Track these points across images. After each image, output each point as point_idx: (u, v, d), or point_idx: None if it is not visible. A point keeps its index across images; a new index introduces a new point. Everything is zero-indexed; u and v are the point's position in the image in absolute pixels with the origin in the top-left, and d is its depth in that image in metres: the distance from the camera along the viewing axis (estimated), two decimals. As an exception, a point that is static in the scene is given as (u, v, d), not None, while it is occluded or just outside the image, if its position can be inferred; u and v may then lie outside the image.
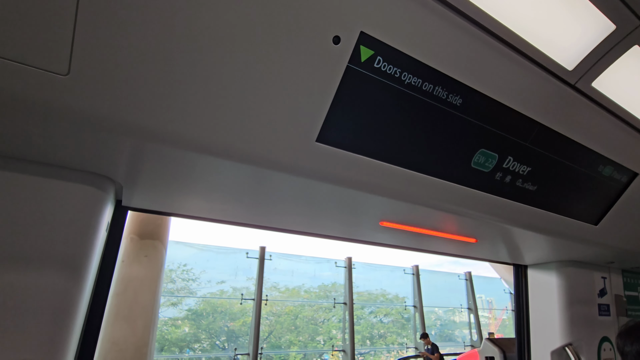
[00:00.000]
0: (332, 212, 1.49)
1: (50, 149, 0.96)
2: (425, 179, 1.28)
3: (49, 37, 0.74)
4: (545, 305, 2.39)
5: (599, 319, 2.44)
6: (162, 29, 0.81)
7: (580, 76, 1.29)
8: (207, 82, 0.88)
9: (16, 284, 0.94)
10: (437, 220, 1.56)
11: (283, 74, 0.95)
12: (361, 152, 1.14)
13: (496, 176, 1.43)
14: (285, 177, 1.12)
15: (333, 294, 10.04)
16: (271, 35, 0.90)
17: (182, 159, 1.00)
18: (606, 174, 1.69)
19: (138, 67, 0.82)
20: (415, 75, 1.10)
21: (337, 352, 9.64)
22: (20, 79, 0.74)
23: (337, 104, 1.04)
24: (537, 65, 1.22)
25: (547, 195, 1.61)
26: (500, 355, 3.23)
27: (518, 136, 1.37)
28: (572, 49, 1.22)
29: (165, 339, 9.16)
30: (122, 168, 1.08)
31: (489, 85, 1.20)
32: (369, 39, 0.98)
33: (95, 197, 1.09)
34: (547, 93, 1.30)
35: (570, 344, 2.25)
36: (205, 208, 1.47)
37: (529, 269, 2.55)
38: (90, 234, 1.06)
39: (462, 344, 11.77)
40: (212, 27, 0.84)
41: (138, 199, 1.35)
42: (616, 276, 2.66)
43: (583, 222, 1.80)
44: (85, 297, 1.09)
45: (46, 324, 0.95)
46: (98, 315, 1.26)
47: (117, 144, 0.93)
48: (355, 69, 1.02)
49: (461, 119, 1.24)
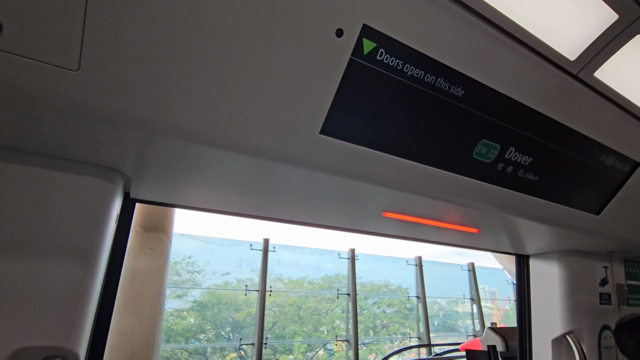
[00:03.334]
0: (336, 203, 1.51)
1: (61, 143, 0.99)
2: (427, 169, 1.30)
3: (59, 33, 0.75)
4: (546, 295, 2.41)
5: (600, 308, 2.46)
6: (169, 24, 0.82)
7: (583, 66, 1.29)
8: (213, 76, 0.90)
9: (31, 273, 0.97)
10: (440, 210, 1.58)
11: (287, 67, 0.96)
12: (364, 143, 1.16)
13: (498, 167, 1.44)
14: (289, 168, 1.14)
15: (336, 285, 10.11)
16: (275, 29, 0.91)
17: (189, 151, 1.02)
18: (608, 163, 1.69)
19: (146, 61, 0.83)
20: (417, 67, 1.11)
21: (341, 341, 9.75)
22: (31, 74, 0.76)
23: (340, 97, 1.06)
24: (539, 55, 1.22)
25: (549, 186, 1.62)
26: (502, 343, 3.27)
27: (520, 127, 1.38)
28: (575, 38, 1.22)
29: (171, 329, 9.29)
30: (130, 161, 1.10)
31: (491, 76, 1.21)
32: (371, 31, 0.99)
33: (105, 189, 1.11)
34: (549, 83, 1.30)
35: (571, 332, 2.28)
36: (210, 199, 1.50)
37: (531, 258, 2.57)
38: (101, 226, 1.09)
39: (464, 334, 11.86)
40: (218, 22, 0.85)
41: (146, 191, 1.38)
42: (618, 265, 2.68)
43: (585, 211, 1.81)
44: (97, 287, 1.12)
45: (61, 312, 0.98)
46: (109, 305, 1.29)
47: (126, 137, 0.95)
48: (358, 61, 1.03)
49: (463, 110, 1.25)
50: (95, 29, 0.77)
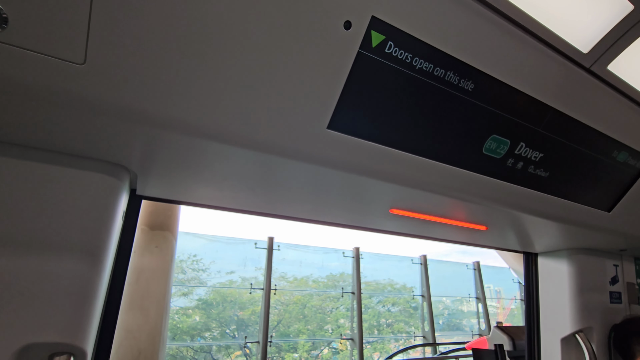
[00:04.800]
0: (343, 200, 1.49)
1: (67, 139, 0.98)
2: (436, 165, 1.28)
3: (65, 27, 0.74)
4: (555, 293, 2.38)
5: (611, 307, 2.42)
6: (176, 18, 0.81)
7: (596, 59, 1.26)
8: (219, 70, 0.89)
9: (38, 270, 0.96)
10: (448, 207, 1.56)
11: (294, 60, 0.95)
12: (372, 138, 1.14)
13: (508, 162, 1.42)
14: (296, 164, 1.12)
15: (341, 283, 10.10)
16: (282, 23, 0.89)
17: (195, 147, 1.01)
18: (621, 159, 1.66)
19: (152, 55, 0.82)
20: (426, 60, 1.08)
21: (345, 340, 9.74)
22: (37, 68, 0.75)
23: (348, 91, 1.04)
24: (550, 48, 1.19)
25: (560, 182, 1.59)
26: (510, 342, 3.24)
27: (531, 122, 1.36)
28: (588, 30, 1.19)
29: (177, 327, 9.34)
30: (136, 157, 1.09)
31: (502, 70, 1.19)
32: (380, 23, 0.97)
33: (111, 186, 1.11)
34: (561, 77, 1.28)
35: (580, 331, 2.25)
36: (216, 196, 1.49)
37: (540, 256, 2.54)
38: (108, 222, 1.08)
39: (470, 333, 11.80)
40: (224, 15, 0.84)
41: (152, 187, 1.37)
42: (628, 264, 2.64)
43: (596, 208, 1.78)
44: (104, 284, 1.12)
45: (68, 309, 0.98)
46: (116, 302, 1.29)
47: (132, 133, 0.94)
48: (367, 54, 1.01)
49: (473, 104, 1.23)
50: (101, 22, 0.76)
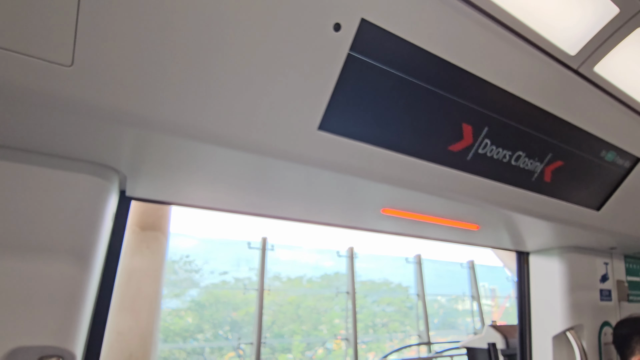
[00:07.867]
0: (335, 200, 1.50)
1: (55, 140, 0.97)
2: (427, 165, 1.28)
3: (52, 28, 0.74)
4: (547, 291, 2.41)
5: (601, 304, 2.46)
6: (164, 19, 0.80)
7: (583, 61, 1.28)
8: (208, 71, 0.88)
9: (26, 272, 0.95)
10: (439, 207, 1.57)
11: (284, 62, 0.95)
12: (363, 139, 1.14)
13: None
14: (287, 165, 1.12)
15: (335, 283, 10.11)
16: (272, 23, 0.89)
17: (185, 148, 1.00)
18: (609, 159, 1.69)
19: (141, 57, 0.82)
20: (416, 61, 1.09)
21: (340, 340, 9.75)
22: (24, 70, 0.74)
23: (339, 92, 1.04)
24: (539, 50, 1.21)
25: (550, 181, 1.61)
26: (502, 341, 3.27)
27: (520, 122, 1.37)
28: (575, 33, 1.21)
29: (169, 329, 9.26)
30: (125, 158, 1.09)
31: (490, 71, 1.20)
32: (369, 25, 0.98)
33: (100, 187, 1.10)
34: (548, 78, 1.29)
35: (571, 329, 2.28)
36: (207, 197, 1.48)
37: (531, 255, 2.56)
38: (97, 224, 1.07)
39: (464, 332, 11.88)
40: (213, 17, 0.84)
41: (141, 189, 1.36)
42: (618, 262, 2.68)
43: (585, 207, 1.81)
44: (94, 286, 1.11)
45: (57, 312, 0.97)
46: (106, 304, 1.28)
47: (121, 134, 0.93)
48: (356, 56, 1.01)
49: (462, 105, 1.23)
50: (89, 24, 0.76)
